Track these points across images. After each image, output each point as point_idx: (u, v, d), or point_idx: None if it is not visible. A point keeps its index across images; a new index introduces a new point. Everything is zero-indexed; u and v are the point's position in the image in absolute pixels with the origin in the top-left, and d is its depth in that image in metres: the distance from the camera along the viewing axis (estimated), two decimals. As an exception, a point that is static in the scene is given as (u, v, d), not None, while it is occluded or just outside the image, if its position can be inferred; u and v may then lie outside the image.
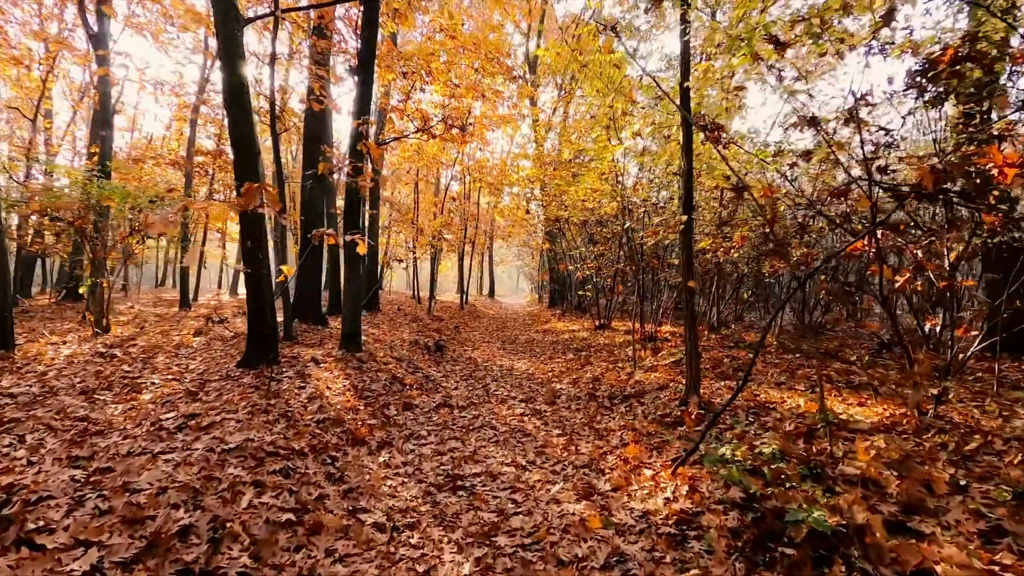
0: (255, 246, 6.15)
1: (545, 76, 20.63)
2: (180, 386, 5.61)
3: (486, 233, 26.12)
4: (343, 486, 3.93)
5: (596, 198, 10.15)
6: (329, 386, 6.08)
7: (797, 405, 5.05)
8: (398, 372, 7.54)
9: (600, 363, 8.66)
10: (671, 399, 5.83)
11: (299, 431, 4.59)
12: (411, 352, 9.28)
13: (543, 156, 16.73)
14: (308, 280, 10.67)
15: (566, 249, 17.68)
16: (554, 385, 7.75)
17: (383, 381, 6.85)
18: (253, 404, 4.98)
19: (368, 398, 6.09)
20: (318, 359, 7.09)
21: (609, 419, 5.80)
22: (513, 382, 8.20)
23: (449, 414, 6.25)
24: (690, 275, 5.40)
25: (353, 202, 7.82)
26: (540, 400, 6.94)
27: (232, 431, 4.30)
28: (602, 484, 4.12)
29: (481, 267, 37.03)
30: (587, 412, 6.17)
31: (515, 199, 22.26)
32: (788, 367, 6.73)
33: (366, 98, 7.74)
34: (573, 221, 12.43)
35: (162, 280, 29.20)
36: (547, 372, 8.85)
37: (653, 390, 6.33)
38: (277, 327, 6.75)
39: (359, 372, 6.93)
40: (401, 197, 26.36)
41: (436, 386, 7.54)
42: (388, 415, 5.79)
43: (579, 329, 12.96)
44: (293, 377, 6.16)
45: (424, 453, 4.89)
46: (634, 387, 6.62)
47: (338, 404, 5.55)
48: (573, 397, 6.95)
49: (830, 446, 3.69)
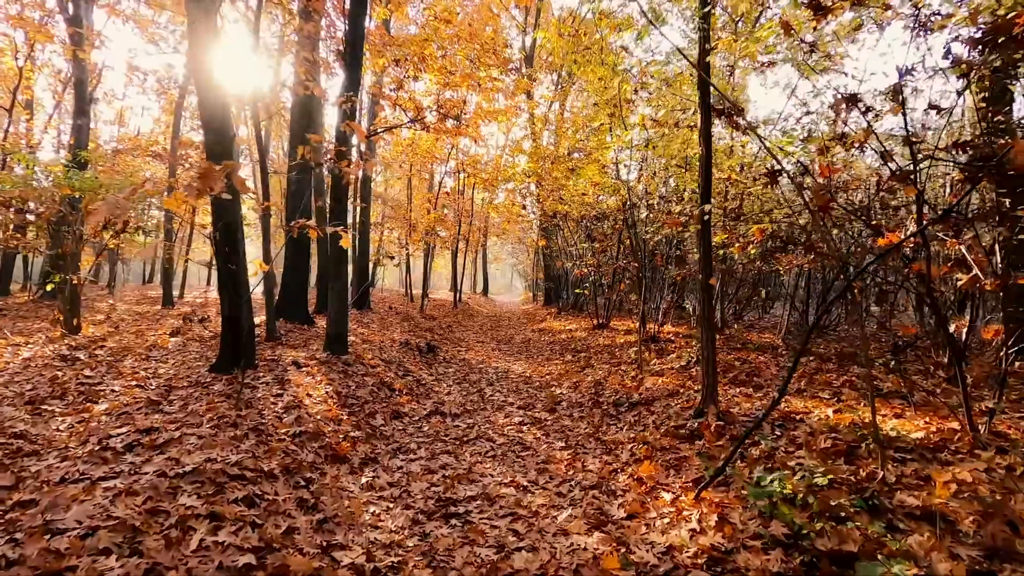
0: (226, 238, 5.56)
1: (542, 70, 20.04)
2: (143, 394, 5.01)
3: (480, 230, 25.54)
4: (317, 515, 3.36)
5: (596, 192, 9.61)
6: (310, 393, 5.50)
7: (826, 416, 4.52)
8: (387, 376, 6.97)
9: (602, 365, 8.13)
10: (684, 408, 5.30)
11: (271, 448, 4.01)
12: (401, 354, 8.70)
13: (540, 150, 16.18)
14: (294, 277, 10.07)
15: (563, 246, 17.15)
16: (554, 390, 7.20)
17: (370, 386, 6.27)
18: (221, 416, 4.40)
19: (352, 406, 5.51)
20: (300, 362, 6.51)
21: (616, 430, 5.26)
22: (510, 386, 7.65)
23: (441, 423, 5.69)
24: (709, 271, 4.87)
25: (339, 192, 7.23)
26: (540, 407, 6.40)
27: (191, 449, 3.72)
28: (615, 510, 3.57)
29: (475, 265, 36.45)
30: (592, 421, 5.63)
31: (510, 195, 21.71)
32: (804, 371, 6.22)
33: (354, 81, 7.15)
34: (572, 216, 11.90)
35: (150, 277, 28.42)
36: (545, 375, 8.30)
37: (663, 397, 5.80)
38: (254, 328, 6.16)
39: (344, 377, 6.36)
40: (394, 193, 25.74)
41: (428, 391, 6.98)
42: (374, 426, 5.22)
43: (576, 328, 12.42)
44: (270, 383, 5.57)
45: (413, 471, 4.33)
46: (642, 393, 6.09)
47: (318, 414, 4.98)
48: (575, 403, 6.41)
49: (881, 470, 3.17)
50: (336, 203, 7.24)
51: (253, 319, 6.13)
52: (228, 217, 5.60)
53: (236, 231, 5.68)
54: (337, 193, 7.24)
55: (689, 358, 7.23)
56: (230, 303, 5.80)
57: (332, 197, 7.31)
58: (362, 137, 4.84)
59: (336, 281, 7.28)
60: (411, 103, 10.78)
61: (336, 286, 7.27)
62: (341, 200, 7.22)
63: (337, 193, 7.24)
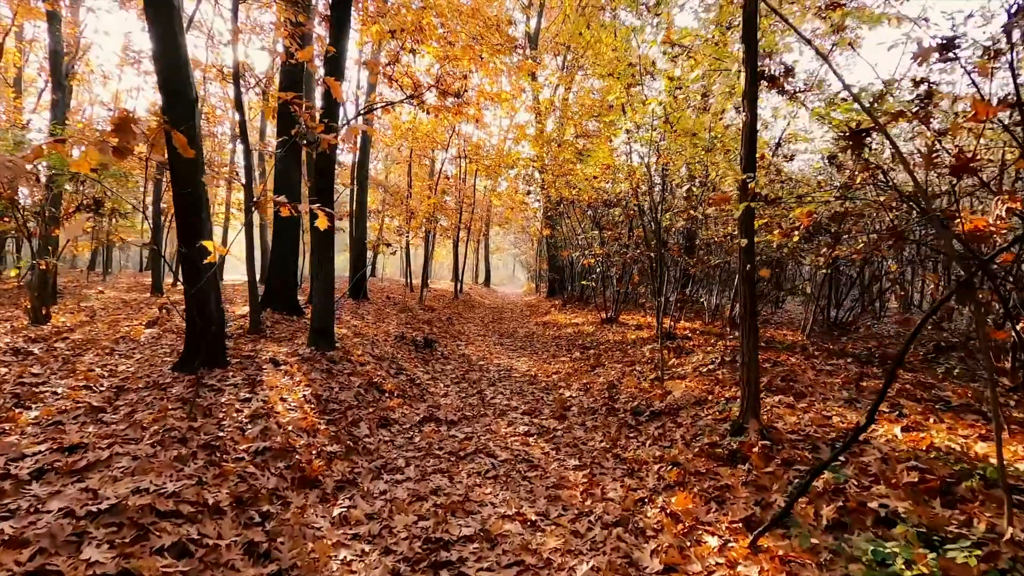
0: (183, 216, 4.77)
1: (547, 52, 19.08)
2: (88, 398, 4.24)
3: (482, 219, 24.69)
4: (270, 567, 2.59)
5: (607, 176, 8.78)
6: (284, 397, 4.72)
7: (894, 436, 3.74)
8: (377, 375, 6.19)
9: (614, 364, 7.34)
10: (717, 420, 4.51)
11: (223, 471, 3.23)
12: (396, 349, 7.93)
13: (544, 136, 15.31)
14: (281, 264, 9.28)
15: (568, 235, 16.32)
16: (562, 392, 6.43)
17: (356, 388, 5.50)
18: (168, 428, 3.62)
19: (334, 412, 4.74)
20: (279, 360, 5.73)
21: (638, 444, 4.48)
22: (513, 387, 6.87)
23: (435, 432, 4.91)
24: (753, 258, 4.06)
25: (324, 165, 6.40)
26: (547, 413, 5.62)
27: (120, 475, 2.95)
28: (647, 558, 2.80)
29: (477, 254, 35.63)
30: (607, 432, 4.85)
31: (513, 182, 20.83)
32: (847, 377, 5.43)
33: (341, 51, 6.32)
34: (579, 203, 11.06)
35: (148, 264, 27.67)
36: (552, 374, 7.52)
37: (689, 405, 5.01)
38: (223, 320, 5.38)
39: (327, 377, 5.58)
40: (394, 179, 24.87)
41: (422, 393, 6.20)
42: (356, 437, 4.44)
43: (583, 323, 11.63)
44: (239, 385, 4.79)
45: (398, 497, 3.55)
46: (664, 400, 5.30)
47: (290, 424, 4.20)
48: (587, 409, 5.63)
49: (1010, 525, 2.38)
50: (320, 178, 6.42)
51: (222, 310, 5.35)
52: (186, 191, 4.80)
53: (197, 208, 4.88)
54: (321, 166, 6.41)
55: (713, 359, 6.43)
56: (193, 292, 5.02)
57: (315, 171, 6.49)
58: (338, 93, 4.02)
59: (321, 268, 6.48)
60: (407, 79, 9.93)
61: (321, 273, 6.48)
62: (325, 175, 6.40)
63: (321, 166, 6.41)
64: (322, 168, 6.45)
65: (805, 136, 6.13)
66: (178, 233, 5.05)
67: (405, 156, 20.62)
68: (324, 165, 6.45)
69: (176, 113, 4.63)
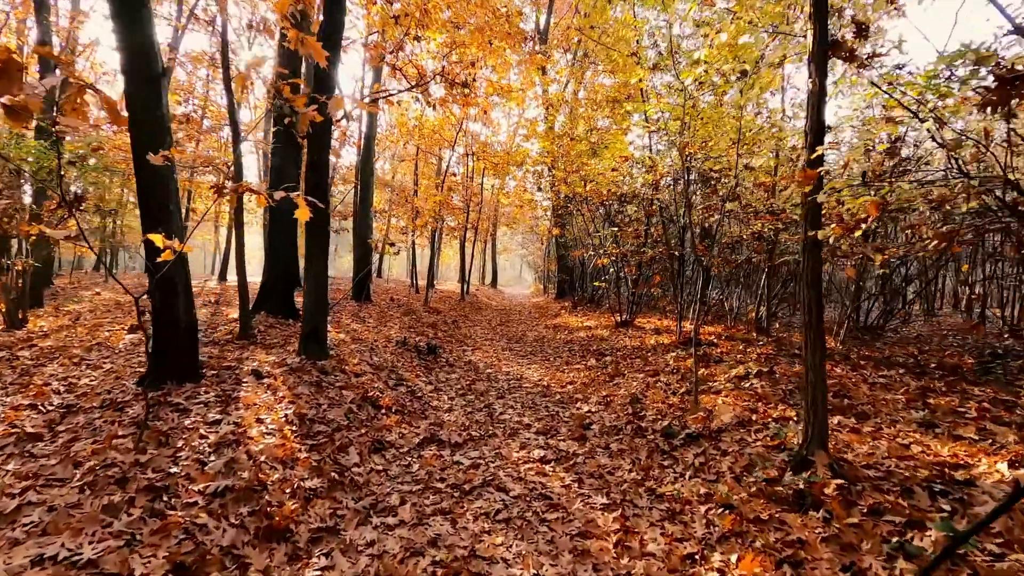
0: (145, 205, 4.10)
1: (557, 47, 18.33)
2: (30, 419, 3.56)
3: (490, 219, 23.98)
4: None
5: (626, 169, 8.04)
6: (262, 418, 4.02)
7: (1002, 476, 2.98)
8: (373, 388, 5.48)
9: (634, 374, 6.60)
10: (768, 447, 3.76)
11: (165, 524, 2.53)
12: (396, 356, 7.21)
13: (553, 133, 14.58)
14: (278, 263, 8.60)
15: (579, 235, 15.57)
16: (580, 407, 5.69)
17: (348, 404, 4.78)
18: (109, 463, 2.93)
19: (319, 436, 4.02)
20: (262, 371, 5.03)
21: (675, 476, 3.74)
22: (524, 399, 6.14)
23: (437, 458, 4.19)
24: (819, 255, 3.32)
25: (316, 159, 5.70)
26: (564, 431, 4.89)
27: (23, 535, 2.25)
28: (712, 652, 2.06)
29: (484, 255, 34.95)
30: (637, 459, 4.11)
31: (521, 181, 20.10)
32: (909, 393, 4.67)
33: (335, 24, 5.63)
34: (592, 199, 10.32)
35: (153, 264, 27.06)
36: (566, 384, 6.79)
37: (731, 427, 4.26)
38: (195, 326, 4.68)
39: (316, 391, 4.87)
40: (400, 179, 24.21)
41: (423, 407, 5.48)
42: (343, 466, 3.73)
43: (596, 326, 10.88)
44: (210, 404, 4.09)
45: (388, 551, 2.83)
46: (699, 419, 4.54)
47: (264, 453, 3.49)
48: (609, 428, 4.89)
49: None
50: (311, 171, 5.72)
51: (194, 314, 4.65)
52: (148, 176, 4.12)
53: (159, 192, 4.20)
54: (313, 158, 5.71)
55: (748, 370, 5.68)
56: (161, 292, 4.33)
57: (307, 164, 5.80)
58: (319, 57, 3.32)
59: (312, 265, 5.78)
60: (411, 66, 9.23)
61: (312, 271, 5.78)
62: (318, 168, 5.69)
63: (313, 158, 5.71)
64: (314, 161, 5.74)
65: (866, 116, 5.34)
66: (142, 223, 4.37)
67: (411, 154, 19.95)
68: (316, 157, 5.74)
69: (141, 94, 3.95)
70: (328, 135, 5.79)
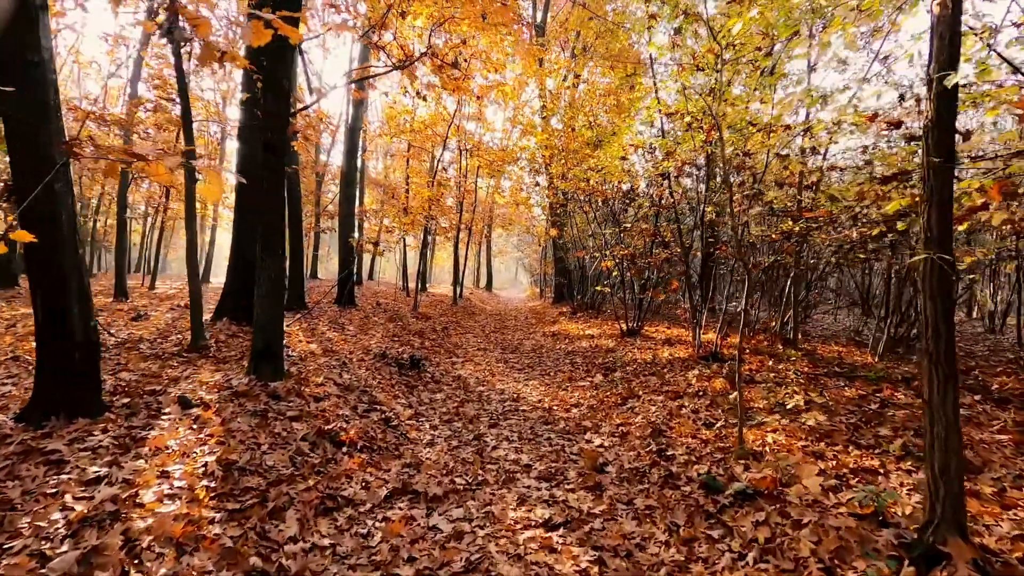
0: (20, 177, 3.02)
1: (555, 40, 17.33)
2: None
3: (484, 220, 22.90)
4: None
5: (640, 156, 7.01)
6: (168, 471, 2.93)
7: None
8: (336, 416, 4.40)
9: (651, 396, 5.54)
10: (859, 517, 2.71)
11: None
12: (373, 371, 6.13)
13: (550, 127, 13.56)
14: (242, 262, 7.50)
15: (577, 236, 14.54)
16: (590, 440, 4.62)
17: (299, 442, 3.70)
18: None
19: (247, 495, 2.94)
20: (190, 399, 3.94)
21: (731, 558, 2.68)
22: (522, 427, 5.07)
23: (406, 522, 3.11)
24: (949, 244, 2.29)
25: (274, 140, 4.61)
26: (573, 476, 3.82)
27: None
28: None
29: (478, 258, 33.90)
30: (673, 525, 3.04)
31: (517, 182, 19.05)
32: (1009, 430, 3.64)
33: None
34: (596, 195, 9.27)
35: (137, 265, 25.86)
36: (571, 407, 5.73)
37: (794, 475, 3.20)
38: (97, 341, 3.59)
39: (258, 425, 3.78)
40: (395, 178, 23.12)
41: (398, 441, 4.40)
42: (272, 544, 2.64)
43: (599, 334, 9.83)
44: (104, 449, 3.01)
45: None
46: (749, 465, 3.49)
47: (152, 533, 2.40)
48: (629, 473, 3.83)
49: None
50: (267, 152, 4.63)
51: (95, 327, 3.56)
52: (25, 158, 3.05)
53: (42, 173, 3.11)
54: (273, 128, 4.61)
55: (793, 395, 4.63)
56: (47, 300, 3.25)
57: (264, 133, 4.73)
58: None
59: (265, 266, 4.69)
60: (396, 47, 8.17)
61: (265, 273, 4.69)
62: (275, 148, 4.60)
63: (273, 128, 4.61)
64: (272, 143, 4.64)
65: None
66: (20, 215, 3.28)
67: (404, 151, 18.90)
68: (273, 134, 4.64)
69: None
70: (287, 105, 4.71)
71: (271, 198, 4.74)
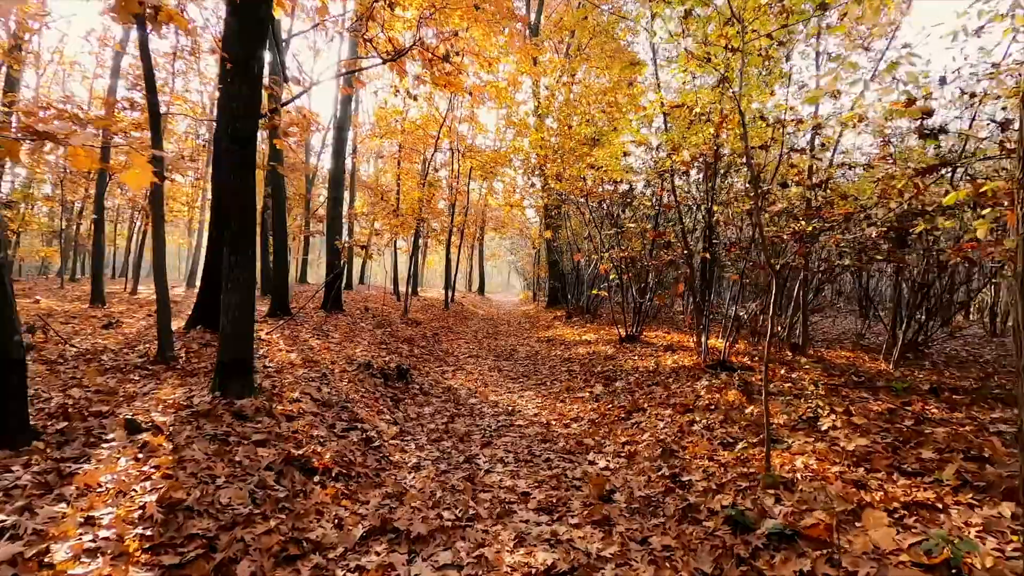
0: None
1: (550, 38, 16.91)
2: None
3: (476, 223, 22.42)
4: None
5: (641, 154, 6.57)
6: (95, 517, 2.42)
7: None
8: (311, 436, 3.89)
9: (657, 410, 5.08)
10: (926, 568, 2.25)
11: None
12: (355, 384, 5.62)
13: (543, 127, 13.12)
14: (218, 269, 6.96)
15: (572, 239, 14.10)
16: (594, 462, 4.14)
17: (262, 472, 3.19)
18: None
19: (191, 544, 2.43)
20: (139, 422, 3.42)
21: (775, 620, 2.20)
22: (518, 446, 4.58)
23: (383, 572, 2.61)
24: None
25: (243, 106, 4.10)
26: (577, 507, 3.34)
27: None
28: None
29: (471, 261, 33.40)
30: (695, 571, 2.57)
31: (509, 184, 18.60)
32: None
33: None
34: (592, 196, 8.82)
35: (123, 269, 25.11)
36: (570, 421, 5.25)
37: (834, 512, 2.73)
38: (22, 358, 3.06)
39: (216, 452, 3.27)
40: (385, 179, 22.60)
41: (380, 465, 3.90)
42: (215, 612, 2.14)
43: (597, 340, 9.36)
44: (19, 491, 2.49)
45: None
46: (782, 498, 3.02)
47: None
48: (641, 503, 3.35)
49: None
50: (235, 141, 4.13)
51: (20, 343, 3.03)
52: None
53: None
54: (237, 120, 4.11)
55: (816, 408, 4.18)
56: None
57: (231, 121, 4.23)
58: None
59: (234, 271, 4.18)
60: (384, 40, 7.69)
61: (234, 276, 4.18)
62: (241, 137, 4.11)
63: (237, 120, 4.11)
64: (238, 133, 4.13)
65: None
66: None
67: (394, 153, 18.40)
68: (241, 125, 4.13)
69: None
70: (255, 90, 4.20)
71: (240, 195, 4.24)
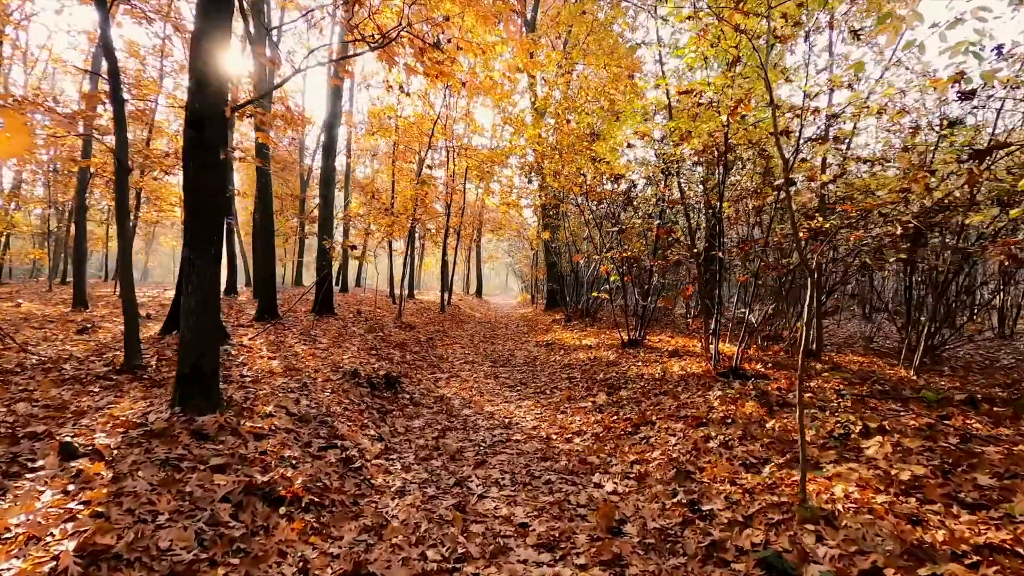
0: None
1: (548, 34, 16.49)
2: None
3: (473, 224, 21.97)
4: None
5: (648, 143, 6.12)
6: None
7: None
8: (280, 459, 3.42)
9: (667, 423, 4.62)
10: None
11: None
12: (339, 395, 5.15)
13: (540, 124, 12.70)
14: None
15: (572, 239, 13.65)
16: (600, 484, 3.67)
17: (216, 504, 2.72)
18: None
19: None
20: (74, 447, 2.95)
21: None
22: (515, 465, 4.12)
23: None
24: None
25: (199, 96, 3.64)
26: (583, 543, 2.87)
27: None
28: None
29: (468, 263, 32.94)
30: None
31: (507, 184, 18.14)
32: None
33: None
34: (591, 195, 8.37)
35: (115, 273, 24.58)
36: (572, 436, 4.78)
37: (886, 556, 2.28)
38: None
39: (163, 480, 2.80)
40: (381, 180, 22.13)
41: (358, 492, 3.42)
42: None
43: (597, 344, 8.90)
44: None
45: None
46: (825, 537, 2.56)
47: None
48: (656, 538, 2.89)
49: None
50: (194, 126, 3.66)
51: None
52: None
53: None
54: (197, 103, 3.64)
55: (847, 424, 3.73)
56: None
57: (191, 103, 3.76)
58: None
59: (195, 272, 3.72)
60: (371, 26, 7.23)
61: (196, 279, 3.72)
62: (201, 120, 3.64)
63: (197, 103, 3.64)
64: (198, 117, 3.66)
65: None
66: None
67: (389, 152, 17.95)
68: (202, 108, 3.67)
69: None
70: (217, 67, 3.74)
71: (200, 185, 3.77)
